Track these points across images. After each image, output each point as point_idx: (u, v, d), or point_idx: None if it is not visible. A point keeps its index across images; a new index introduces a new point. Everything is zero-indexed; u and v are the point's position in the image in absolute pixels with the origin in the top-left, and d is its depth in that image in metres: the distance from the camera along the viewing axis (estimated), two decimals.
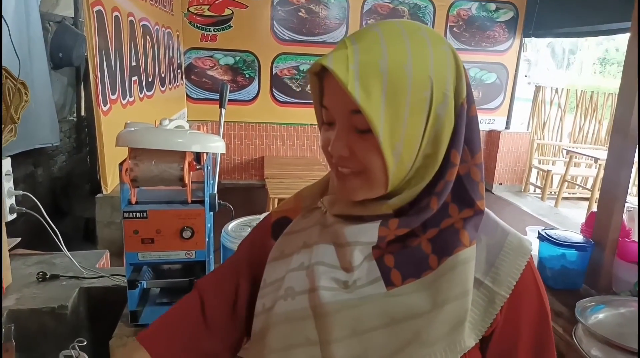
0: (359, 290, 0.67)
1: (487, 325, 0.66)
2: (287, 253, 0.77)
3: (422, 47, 0.64)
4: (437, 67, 0.64)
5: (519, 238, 0.71)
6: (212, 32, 5.98)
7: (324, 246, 0.72)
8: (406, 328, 0.64)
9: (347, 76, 0.60)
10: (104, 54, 2.98)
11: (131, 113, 3.53)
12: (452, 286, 0.64)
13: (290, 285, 0.72)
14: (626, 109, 1.52)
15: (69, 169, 3.36)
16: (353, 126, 0.65)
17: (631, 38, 1.52)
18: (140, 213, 1.30)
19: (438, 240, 0.67)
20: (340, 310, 0.66)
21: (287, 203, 0.85)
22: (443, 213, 0.68)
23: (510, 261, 0.68)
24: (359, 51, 0.62)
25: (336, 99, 0.65)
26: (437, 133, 0.65)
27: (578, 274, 1.59)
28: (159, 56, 4.53)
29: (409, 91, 0.62)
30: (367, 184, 0.67)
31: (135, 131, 1.28)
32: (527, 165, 6.86)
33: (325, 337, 0.66)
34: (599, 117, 6.74)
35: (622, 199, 1.58)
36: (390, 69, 0.61)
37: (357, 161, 0.66)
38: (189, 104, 6.13)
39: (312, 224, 0.77)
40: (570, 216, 5.74)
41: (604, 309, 1.31)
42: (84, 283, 1.68)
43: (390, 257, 0.68)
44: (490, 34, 6.65)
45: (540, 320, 0.70)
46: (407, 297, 0.65)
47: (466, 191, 0.68)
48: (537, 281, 0.71)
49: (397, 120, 0.62)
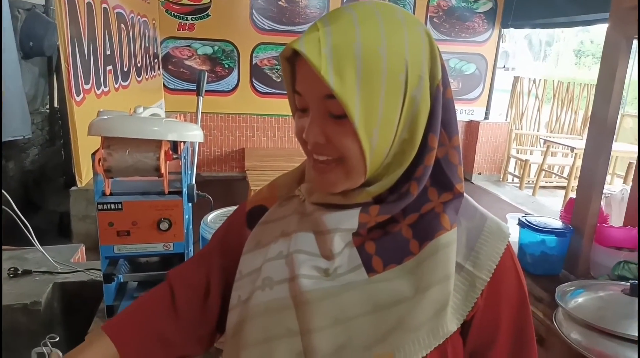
0: (340, 277, 0.66)
1: (468, 309, 0.66)
2: (264, 243, 0.75)
3: (397, 29, 0.62)
4: (412, 49, 0.62)
5: (497, 223, 0.71)
6: (189, 21, 5.87)
7: (303, 234, 0.71)
8: (389, 314, 0.63)
9: (319, 59, 0.58)
10: (76, 42, 2.90)
11: (106, 104, 3.45)
12: (435, 270, 0.64)
13: (268, 275, 0.70)
14: (603, 99, 1.54)
15: (41, 163, 3.28)
16: (327, 112, 0.63)
17: (609, 29, 1.53)
18: (115, 205, 1.27)
19: (419, 225, 0.67)
20: (322, 299, 0.65)
21: (261, 192, 0.83)
22: (423, 198, 0.67)
23: (490, 245, 0.68)
24: (331, 33, 0.59)
25: (309, 84, 0.63)
26: (414, 117, 0.64)
27: (557, 259, 1.60)
28: (134, 45, 4.44)
29: (384, 74, 0.60)
30: (345, 174, 0.65)
31: (109, 119, 1.23)
32: (505, 155, 6.95)
33: (306, 326, 0.65)
34: (574, 108, 6.86)
35: (600, 186, 1.59)
36: (364, 52, 0.59)
37: (334, 147, 0.63)
38: (167, 94, 6.03)
39: (290, 212, 0.76)
40: (547, 204, 5.83)
41: (583, 293, 1.32)
42: (58, 278, 1.63)
43: (371, 244, 0.67)
44: (470, 25, 6.69)
45: (520, 303, 0.71)
46: (389, 283, 0.64)
47: (445, 175, 0.68)
48: (516, 264, 0.71)
49: (372, 104, 0.60)
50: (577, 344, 1.20)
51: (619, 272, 1.48)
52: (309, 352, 0.64)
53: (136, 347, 0.77)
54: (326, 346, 0.63)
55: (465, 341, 0.69)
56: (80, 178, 2.92)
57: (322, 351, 0.63)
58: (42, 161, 3.29)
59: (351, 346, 0.63)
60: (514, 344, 0.70)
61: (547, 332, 1.42)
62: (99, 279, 1.58)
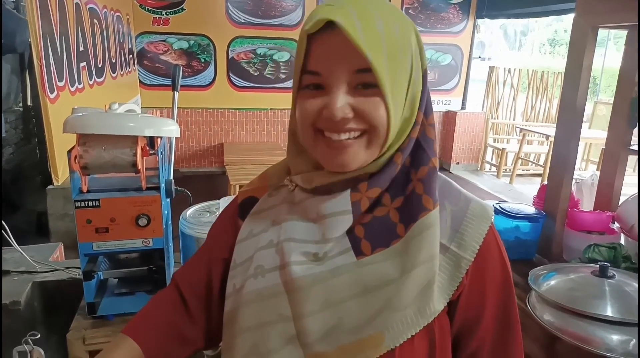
0: (329, 261, 0.68)
1: (453, 288, 0.68)
2: (255, 232, 0.77)
3: (400, 16, 0.67)
4: (411, 35, 0.67)
5: (481, 205, 0.73)
6: (164, 16, 5.80)
7: (293, 222, 0.73)
8: (378, 296, 0.66)
9: (357, 32, 0.61)
10: (48, 39, 2.85)
11: (81, 100, 3.40)
12: (419, 251, 0.66)
13: (259, 263, 0.73)
14: (572, 86, 1.58)
15: (17, 162, 3.22)
16: (355, 85, 0.65)
17: (575, 18, 1.57)
18: (92, 202, 1.26)
19: (404, 207, 0.69)
20: (312, 284, 0.67)
21: (252, 183, 0.85)
22: (405, 178, 0.71)
23: (474, 227, 0.70)
24: (355, 12, 0.62)
25: (336, 59, 0.64)
26: (414, 96, 0.69)
27: (531, 244, 1.65)
28: (108, 41, 4.37)
29: (400, 53, 0.65)
30: (367, 147, 0.67)
31: (84, 116, 1.23)
32: (482, 144, 7.04)
33: (298, 311, 0.67)
34: (549, 96, 6.98)
35: (571, 172, 1.64)
36: (385, 30, 0.63)
37: (361, 119, 0.66)
38: (143, 90, 5.96)
39: (280, 202, 0.78)
40: (524, 191, 5.94)
41: (555, 276, 1.36)
42: (37, 278, 1.62)
43: (360, 228, 0.70)
44: (445, 16, 6.73)
45: (504, 282, 0.73)
46: (377, 265, 0.67)
47: (423, 150, 0.71)
48: (499, 245, 0.73)
49: (395, 81, 0.65)
50: (549, 325, 1.24)
51: (589, 255, 1.53)
52: (301, 335, 0.67)
53: (158, 345, 0.80)
54: (318, 329, 0.66)
55: (452, 321, 0.71)
56: (57, 176, 2.88)
57: (314, 334, 0.66)
58: (17, 160, 3.23)
59: (342, 328, 0.66)
60: (499, 322, 0.73)
61: (521, 315, 1.44)
62: (78, 277, 1.58)
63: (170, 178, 1.43)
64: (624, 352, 1.13)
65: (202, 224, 1.48)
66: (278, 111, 6.37)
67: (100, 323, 1.36)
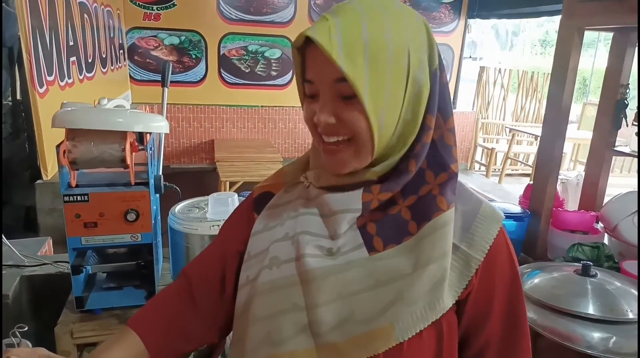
0: (342, 256, 0.70)
1: (463, 286, 0.70)
2: (271, 225, 0.79)
3: (398, 18, 0.68)
4: (412, 36, 0.68)
5: (492, 207, 0.75)
6: (155, 11, 5.76)
7: (308, 216, 0.75)
8: (390, 289, 0.67)
9: (330, 44, 0.63)
10: (37, 33, 2.83)
11: (71, 95, 3.38)
12: (433, 248, 0.68)
13: (275, 255, 0.75)
14: (558, 86, 1.60)
15: (5, 156, 3.19)
16: (338, 95, 0.67)
17: (561, 21, 1.59)
18: (81, 196, 1.27)
19: (417, 206, 0.71)
20: (326, 276, 0.69)
21: (268, 180, 0.87)
22: (421, 180, 0.72)
23: (484, 228, 0.72)
24: (340, 23, 0.65)
25: (320, 69, 0.67)
26: (416, 98, 0.69)
27: (516, 243, 1.67)
28: (98, 36, 4.34)
29: (390, 59, 0.65)
30: (354, 153, 0.70)
31: (72, 110, 1.23)
32: (472, 143, 7.08)
33: (312, 301, 0.69)
34: (539, 97, 7.03)
35: (556, 171, 1.66)
36: (371, 38, 0.64)
37: (344, 127, 0.68)
38: (133, 86, 5.92)
39: (296, 197, 0.80)
40: (513, 191, 5.98)
41: (539, 274, 1.39)
42: (25, 272, 1.62)
43: (372, 225, 0.71)
44: (436, 15, 6.76)
45: (512, 283, 0.75)
46: (389, 261, 0.69)
47: (441, 156, 0.72)
48: (509, 246, 0.75)
49: (379, 86, 0.65)
50: (532, 323, 1.26)
51: (573, 254, 1.56)
52: (314, 325, 0.68)
53: (161, 340, 0.81)
54: (330, 319, 0.68)
55: (459, 319, 0.73)
56: (46, 171, 2.86)
57: (327, 324, 0.68)
58: (6, 154, 3.20)
59: (354, 319, 0.67)
60: (506, 322, 0.74)
61: None
62: (67, 271, 1.58)
63: (159, 174, 1.43)
64: (604, 350, 1.15)
65: (191, 220, 1.49)
66: (269, 108, 6.36)
67: (88, 317, 1.36)
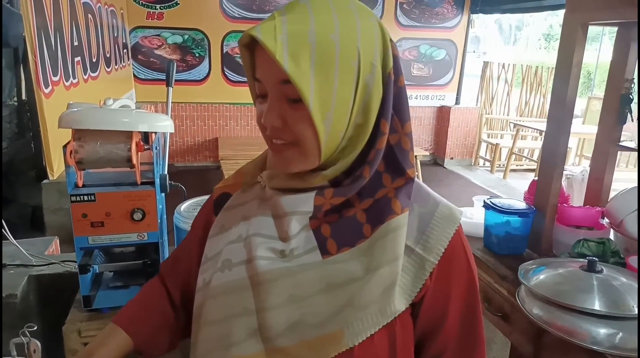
0: (295, 258, 0.69)
1: (417, 290, 0.69)
2: (226, 227, 0.78)
3: (350, 18, 0.65)
4: (364, 38, 0.65)
5: (449, 208, 0.74)
6: (158, 10, 5.78)
7: (261, 218, 0.74)
8: (341, 293, 0.66)
9: (275, 45, 0.60)
10: (42, 33, 2.84)
11: (76, 95, 3.40)
12: (384, 252, 0.67)
13: (227, 257, 0.74)
14: (562, 81, 1.59)
15: (11, 156, 3.21)
16: (284, 96, 0.65)
17: (565, 15, 1.59)
18: (88, 196, 1.27)
19: (372, 209, 0.70)
20: (277, 278, 0.68)
21: (228, 180, 0.87)
22: (377, 184, 0.71)
23: (440, 229, 0.71)
24: (287, 21, 0.62)
25: (267, 69, 0.65)
26: (367, 102, 0.67)
27: (521, 239, 1.67)
28: (102, 35, 4.36)
29: (337, 60, 0.63)
30: (301, 155, 0.68)
31: (79, 111, 1.24)
32: (476, 139, 7.06)
33: (261, 304, 0.68)
34: (543, 91, 7.00)
35: (561, 167, 1.65)
36: (318, 39, 0.62)
37: (290, 131, 0.66)
38: (137, 85, 5.94)
39: (252, 198, 0.79)
40: (517, 187, 5.97)
41: (544, 270, 1.38)
42: (33, 271, 1.63)
43: (327, 227, 0.70)
44: (439, 11, 6.74)
45: (469, 286, 0.74)
46: (342, 264, 0.68)
47: (397, 160, 0.71)
48: (466, 248, 0.74)
49: (326, 89, 0.63)
50: (538, 319, 1.26)
51: (578, 250, 1.55)
52: (264, 329, 0.67)
53: (147, 334, 0.84)
54: (280, 323, 0.66)
55: (415, 322, 0.72)
56: (52, 171, 2.88)
57: (276, 328, 0.66)
58: (12, 154, 3.22)
59: (304, 323, 0.66)
60: (463, 325, 0.74)
61: (511, 309, 1.49)
62: (74, 270, 1.59)
63: (164, 173, 1.44)
64: (610, 345, 1.15)
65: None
66: None
67: (95, 316, 1.37)
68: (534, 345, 1.39)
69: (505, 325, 1.53)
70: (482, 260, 1.64)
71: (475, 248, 1.71)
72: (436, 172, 6.69)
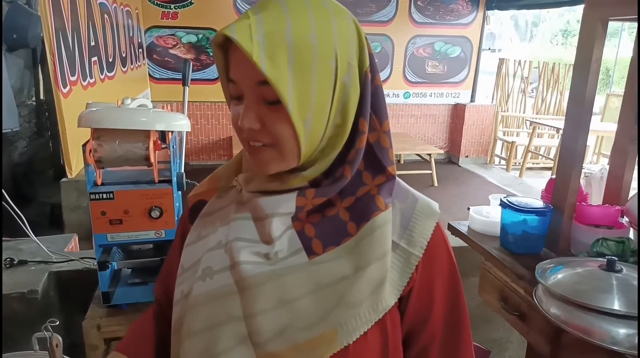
0: (281, 261, 0.68)
1: (404, 283, 0.70)
2: (203, 234, 0.77)
3: (325, 18, 0.64)
4: (340, 37, 0.65)
5: (427, 202, 0.74)
6: (172, 10, 5.82)
7: (241, 222, 0.72)
8: (331, 293, 0.66)
9: (251, 45, 0.59)
10: (60, 34, 2.89)
11: (92, 95, 3.44)
12: (372, 249, 0.67)
13: (208, 265, 0.72)
14: (581, 78, 1.57)
15: (30, 155, 3.27)
16: (262, 98, 0.64)
17: (585, 10, 1.56)
18: (106, 194, 1.29)
19: (355, 207, 0.70)
20: (264, 282, 0.67)
21: (201, 186, 0.84)
22: (358, 182, 0.70)
23: (421, 223, 0.72)
24: (262, 21, 0.61)
25: (242, 70, 0.64)
26: (345, 102, 0.67)
27: (538, 238, 1.65)
28: (118, 36, 4.41)
29: (315, 61, 0.62)
30: (279, 156, 0.67)
31: (97, 110, 1.25)
32: (492, 137, 7.00)
33: (250, 310, 0.66)
34: (560, 89, 6.91)
35: (579, 165, 1.63)
36: (295, 39, 0.61)
37: (268, 133, 0.65)
38: (152, 84, 6.00)
39: (228, 203, 0.77)
40: (534, 185, 5.91)
41: (562, 270, 1.37)
42: (53, 268, 1.66)
43: (311, 227, 0.70)
44: (454, 8, 6.69)
45: (451, 275, 0.75)
46: (330, 264, 0.67)
47: (377, 159, 0.71)
48: (446, 240, 0.75)
49: (305, 90, 0.62)
50: (555, 318, 1.25)
51: (597, 249, 1.53)
52: (254, 335, 0.66)
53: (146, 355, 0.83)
54: (270, 328, 0.65)
55: (403, 316, 0.72)
56: (70, 169, 2.92)
57: (266, 333, 0.65)
58: (31, 153, 3.28)
59: (295, 326, 0.65)
60: (448, 316, 0.75)
61: (528, 308, 1.48)
62: (93, 267, 1.61)
63: (181, 171, 1.45)
64: (630, 346, 1.13)
65: None
66: None
67: (114, 312, 1.39)
68: (552, 345, 1.38)
69: (522, 325, 1.52)
70: (498, 258, 1.63)
71: (491, 246, 1.70)
72: (451, 170, 6.65)
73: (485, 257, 1.68)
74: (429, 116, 7.05)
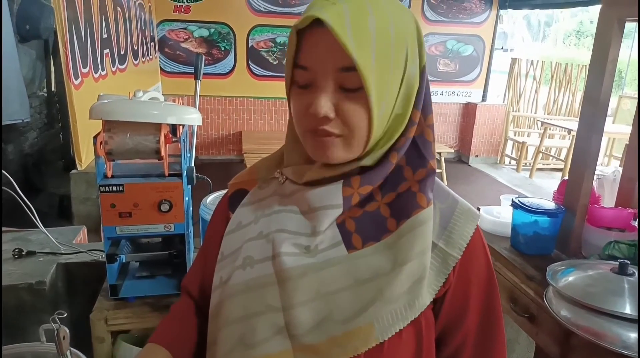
0: (320, 253, 0.68)
1: (440, 284, 0.69)
2: (244, 223, 0.77)
3: (399, 11, 0.66)
4: (410, 31, 0.67)
5: (468, 206, 0.75)
6: (185, 3, 5.83)
7: (285, 214, 0.73)
8: (369, 288, 0.66)
9: (344, 31, 0.60)
10: (73, 25, 2.89)
11: (104, 87, 3.45)
12: (412, 245, 0.67)
13: (248, 254, 0.72)
14: (596, 80, 1.55)
15: (41, 146, 3.28)
16: (339, 85, 0.64)
17: (601, 10, 1.54)
18: (116, 187, 1.29)
19: (396, 203, 0.70)
20: (303, 274, 0.67)
21: (242, 176, 0.85)
22: (399, 177, 0.71)
23: (461, 226, 0.72)
24: (349, 9, 0.62)
25: (322, 56, 0.64)
26: (408, 93, 0.68)
27: (550, 239, 1.64)
28: (130, 28, 4.41)
29: (393, 51, 0.64)
30: (347, 145, 0.67)
31: (109, 102, 1.25)
32: (502, 137, 6.96)
33: (288, 301, 0.67)
34: (572, 89, 6.85)
35: (593, 167, 1.62)
36: (377, 28, 0.62)
37: (343, 121, 0.65)
38: (164, 77, 6.01)
39: (270, 194, 0.78)
40: (544, 186, 5.87)
41: (573, 272, 1.36)
42: (62, 259, 1.66)
43: (351, 222, 0.70)
44: (467, 6, 6.64)
45: (488, 281, 0.74)
46: (368, 258, 0.67)
47: (420, 152, 0.71)
48: (485, 245, 0.75)
49: (384, 79, 0.64)
50: (566, 321, 1.24)
51: (609, 251, 1.51)
52: (291, 326, 0.66)
53: (187, 349, 0.81)
54: (308, 320, 0.66)
55: (437, 317, 0.72)
56: (80, 161, 2.93)
57: (304, 325, 0.66)
58: (41, 144, 3.30)
59: (332, 319, 0.65)
60: (482, 320, 0.74)
61: (538, 310, 1.46)
62: (101, 260, 1.61)
63: (191, 165, 1.45)
64: None
65: None
66: None
67: (121, 305, 1.39)
68: (561, 347, 1.36)
69: (531, 326, 1.50)
70: (508, 259, 1.62)
71: (501, 247, 1.69)
72: (461, 169, 6.62)
73: (495, 258, 1.67)
74: (439, 114, 7.01)
